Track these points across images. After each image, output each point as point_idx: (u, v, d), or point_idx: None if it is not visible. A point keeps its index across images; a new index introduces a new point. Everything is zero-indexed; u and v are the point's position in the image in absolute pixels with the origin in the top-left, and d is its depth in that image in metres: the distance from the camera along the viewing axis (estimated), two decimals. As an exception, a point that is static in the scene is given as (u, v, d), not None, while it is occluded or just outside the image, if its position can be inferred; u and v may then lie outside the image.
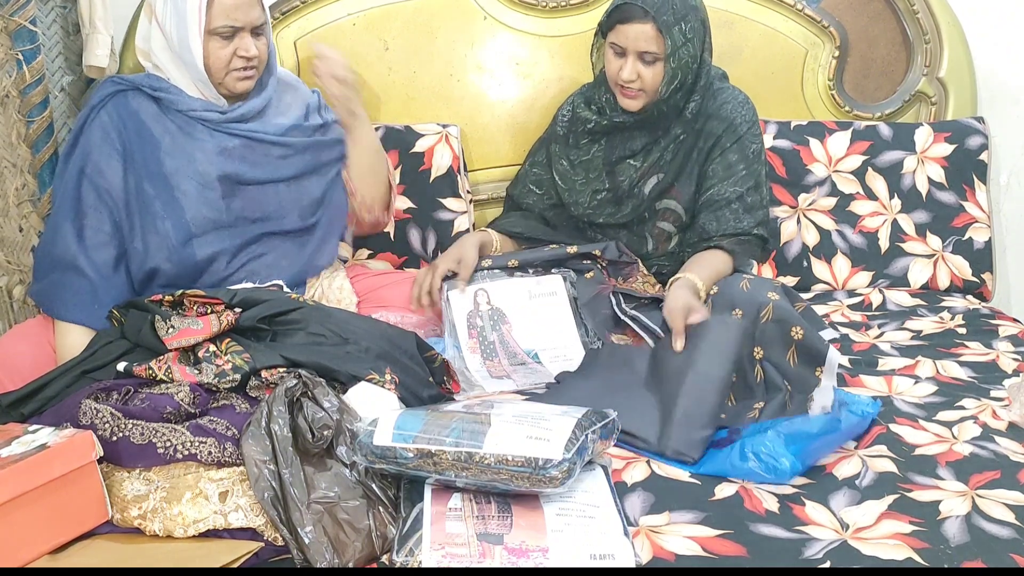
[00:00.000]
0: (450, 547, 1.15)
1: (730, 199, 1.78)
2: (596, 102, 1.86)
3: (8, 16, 1.75)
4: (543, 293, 1.78)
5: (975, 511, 1.28)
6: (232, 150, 1.67)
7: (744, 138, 1.80)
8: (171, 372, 1.40)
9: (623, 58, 1.73)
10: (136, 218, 1.64)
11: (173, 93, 1.66)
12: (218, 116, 1.67)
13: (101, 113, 1.65)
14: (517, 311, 1.75)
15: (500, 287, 1.78)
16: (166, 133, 1.66)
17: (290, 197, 1.73)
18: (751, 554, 1.20)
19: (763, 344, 1.55)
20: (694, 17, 1.72)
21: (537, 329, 1.74)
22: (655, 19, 1.68)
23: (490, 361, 1.70)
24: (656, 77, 1.73)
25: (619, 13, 1.72)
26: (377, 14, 2.20)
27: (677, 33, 1.69)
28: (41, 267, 1.65)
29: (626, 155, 1.84)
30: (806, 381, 1.51)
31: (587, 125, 1.85)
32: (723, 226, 1.78)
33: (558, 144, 1.92)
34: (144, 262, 1.64)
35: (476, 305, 1.75)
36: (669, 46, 1.69)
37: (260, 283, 1.68)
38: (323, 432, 1.26)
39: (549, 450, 1.19)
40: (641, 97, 1.76)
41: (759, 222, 1.80)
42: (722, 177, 1.79)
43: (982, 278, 2.11)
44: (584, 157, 1.87)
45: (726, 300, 1.62)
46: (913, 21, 2.25)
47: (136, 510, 1.23)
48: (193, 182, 1.65)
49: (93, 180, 1.62)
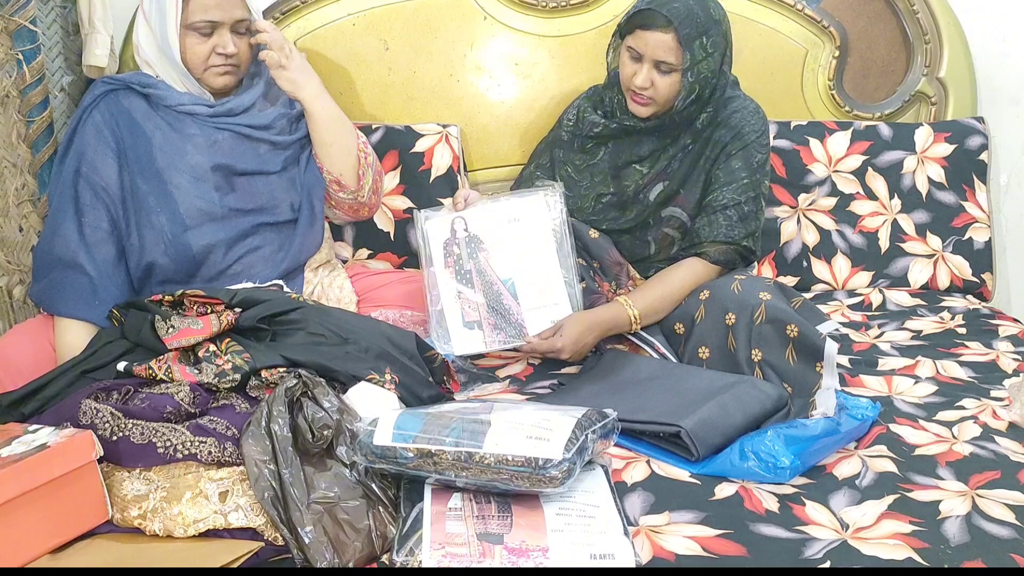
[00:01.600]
0: (450, 547, 1.15)
1: (726, 205, 1.75)
2: (606, 104, 1.84)
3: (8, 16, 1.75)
4: (522, 216, 1.72)
5: (975, 511, 1.28)
6: (221, 143, 1.69)
7: (751, 146, 1.77)
8: (171, 372, 1.40)
9: (639, 64, 1.69)
10: (131, 214, 1.65)
11: (161, 89, 1.67)
12: (205, 110, 1.68)
13: (94, 113, 1.66)
14: (495, 236, 1.71)
15: (478, 212, 1.72)
16: (157, 129, 1.67)
17: (281, 188, 1.73)
18: (751, 554, 1.20)
19: (760, 346, 1.55)
20: (716, 31, 1.67)
21: (515, 255, 1.70)
22: (677, 30, 1.63)
23: (465, 297, 1.67)
24: (669, 88, 1.69)
25: (641, 17, 1.67)
26: (377, 14, 2.20)
27: (698, 48, 1.65)
28: (41, 267, 1.65)
29: (632, 160, 1.81)
30: (806, 379, 1.52)
31: (594, 129, 1.82)
32: (714, 232, 1.75)
33: (562, 149, 1.90)
34: (141, 257, 1.64)
35: (453, 232, 1.72)
36: (688, 60, 1.65)
37: (258, 279, 1.68)
38: (323, 432, 1.26)
39: (549, 450, 1.19)
40: (651, 106, 1.73)
41: (749, 233, 1.76)
42: (723, 183, 1.76)
43: (982, 278, 2.11)
44: (590, 161, 1.85)
45: (718, 304, 1.62)
46: (913, 21, 2.25)
47: (136, 510, 1.23)
48: (185, 175, 1.66)
49: (89, 178, 1.63)
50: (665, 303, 1.71)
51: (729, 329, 1.59)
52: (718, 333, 1.61)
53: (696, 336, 1.65)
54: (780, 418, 1.47)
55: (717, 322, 1.61)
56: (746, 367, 1.56)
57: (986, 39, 2.27)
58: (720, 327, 1.61)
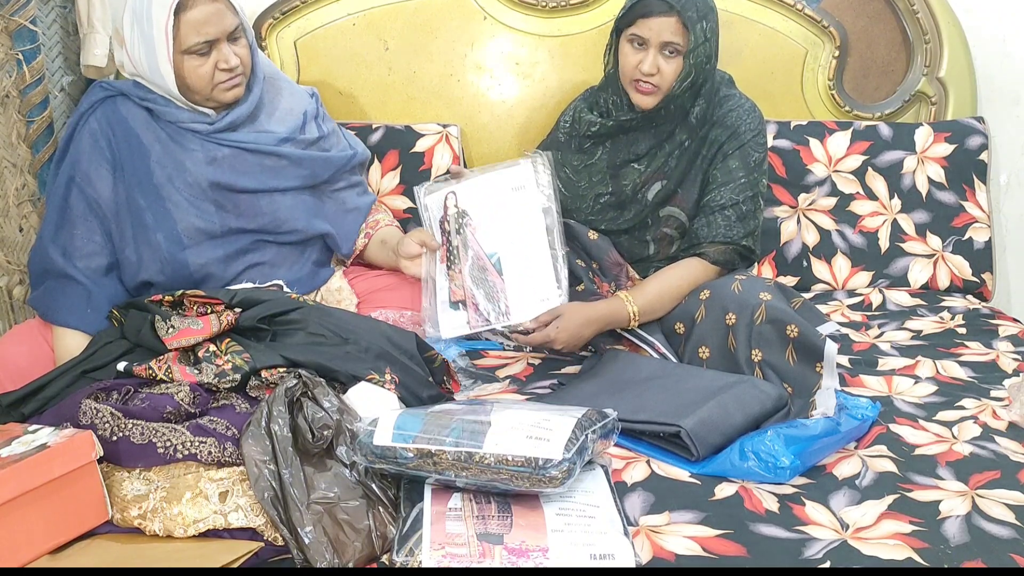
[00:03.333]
0: (450, 547, 1.15)
1: (724, 205, 1.75)
2: (601, 105, 1.84)
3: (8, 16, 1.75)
4: (511, 187, 1.67)
5: (975, 511, 1.28)
6: (222, 160, 1.64)
7: (747, 146, 1.77)
8: (171, 372, 1.40)
9: (643, 51, 1.69)
10: (128, 228, 1.62)
11: (160, 104, 1.62)
12: (206, 127, 1.64)
13: (90, 120, 1.62)
14: (481, 210, 1.67)
15: (467, 186, 1.69)
16: (156, 141, 1.63)
17: (285, 208, 1.70)
18: (751, 554, 1.20)
19: (760, 346, 1.55)
20: (713, 17, 1.69)
21: (501, 229, 1.66)
22: (680, 13, 1.64)
23: (453, 273, 1.64)
24: (674, 73, 1.69)
25: (640, 8, 1.67)
26: (377, 14, 2.20)
27: (699, 30, 1.66)
28: (35, 274, 1.65)
29: (630, 159, 1.81)
30: (806, 379, 1.51)
31: (591, 128, 1.81)
32: (713, 232, 1.74)
33: (560, 151, 1.88)
34: (137, 273, 1.63)
35: (445, 209, 1.70)
36: (692, 41, 1.66)
37: (258, 282, 1.68)
38: (323, 432, 1.26)
39: (549, 450, 1.19)
40: (656, 94, 1.71)
41: (748, 232, 1.76)
42: (721, 183, 1.75)
43: (982, 278, 2.11)
44: (588, 161, 1.84)
45: (718, 304, 1.62)
46: (913, 21, 2.25)
47: (136, 510, 1.23)
48: (184, 192, 1.63)
49: (83, 189, 1.61)
50: (664, 301, 1.71)
51: (729, 329, 1.59)
52: (718, 333, 1.61)
53: (696, 336, 1.65)
54: (780, 418, 1.47)
55: (717, 322, 1.61)
56: (746, 367, 1.56)
57: (986, 39, 2.27)
58: (720, 327, 1.61)
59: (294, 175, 1.71)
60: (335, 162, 1.77)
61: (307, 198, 1.74)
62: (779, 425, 1.40)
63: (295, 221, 1.72)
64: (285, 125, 1.71)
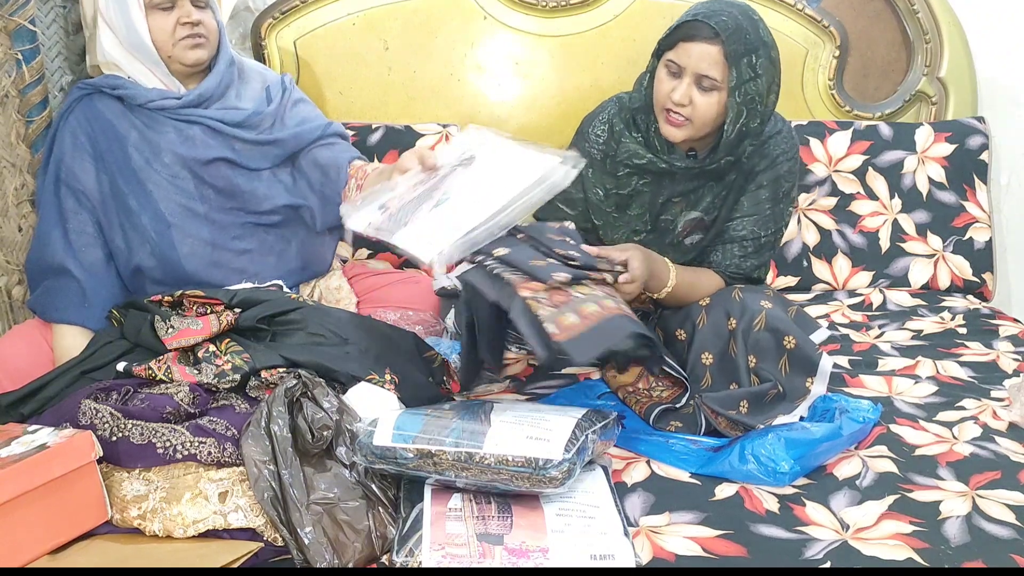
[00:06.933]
0: (450, 547, 1.15)
1: (744, 237, 1.67)
2: (639, 126, 1.66)
3: (8, 16, 1.75)
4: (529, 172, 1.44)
5: (975, 511, 1.28)
6: (194, 137, 1.67)
7: (782, 177, 1.67)
8: (171, 372, 1.40)
9: (678, 79, 1.55)
10: (114, 216, 1.65)
11: (130, 88, 1.66)
12: (175, 103, 1.67)
13: (70, 119, 1.66)
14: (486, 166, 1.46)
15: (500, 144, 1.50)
16: (132, 128, 1.66)
17: (263, 185, 1.72)
18: (751, 554, 1.19)
19: (756, 353, 1.54)
20: (765, 53, 1.53)
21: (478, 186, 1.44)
22: (724, 44, 1.50)
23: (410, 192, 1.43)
24: (707, 110, 1.54)
25: (685, 29, 1.54)
26: (377, 14, 2.20)
27: (745, 66, 1.51)
28: (33, 276, 1.67)
29: (673, 196, 1.68)
30: (796, 390, 1.51)
31: (635, 160, 1.65)
32: (726, 261, 1.68)
33: (592, 167, 1.70)
34: (129, 259, 1.65)
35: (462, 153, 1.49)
36: (734, 78, 1.51)
37: (257, 282, 1.68)
38: (323, 432, 1.26)
39: (549, 450, 1.19)
40: (686, 128, 1.57)
41: (762, 263, 1.70)
42: (747, 212, 1.67)
43: (982, 278, 2.11)
44: (623, 191, 1.69)
45: (720, 309, 1.61)
46: (913, 21, 2.25)
47: (136, 510, 1.23)
48: (163, 173, 1.66)
49: (70, 184, 1.64)
50: (692, 291, 1.65)
51: (731, 334, 1.58)
52: (720, 338, 1.60)
53: (698, 342, 1.63)
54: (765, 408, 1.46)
55: (719, 327, 1.60)
56: (744, 374, 1.56)
57: (986, 39, 2.27)
58: (722, 332, 1.59)
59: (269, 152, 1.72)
60: (305, 136, 1.77)
61: (285, 177, 1.75)
62: (780, 427, 1.40)
63: (276, 198, 1.73)
64: (253, 103, 1.74)
